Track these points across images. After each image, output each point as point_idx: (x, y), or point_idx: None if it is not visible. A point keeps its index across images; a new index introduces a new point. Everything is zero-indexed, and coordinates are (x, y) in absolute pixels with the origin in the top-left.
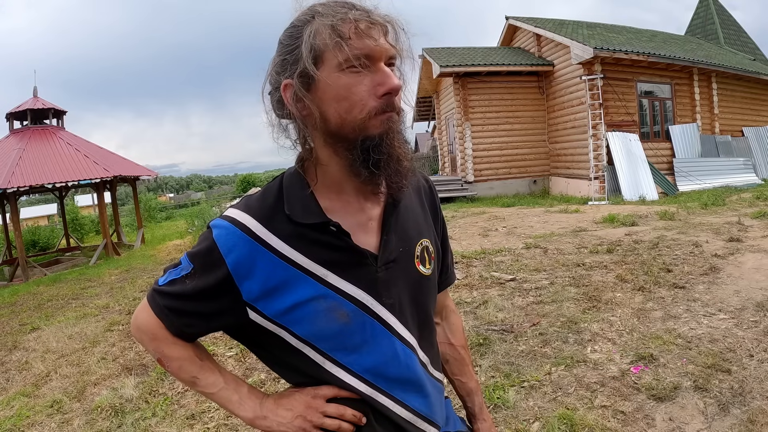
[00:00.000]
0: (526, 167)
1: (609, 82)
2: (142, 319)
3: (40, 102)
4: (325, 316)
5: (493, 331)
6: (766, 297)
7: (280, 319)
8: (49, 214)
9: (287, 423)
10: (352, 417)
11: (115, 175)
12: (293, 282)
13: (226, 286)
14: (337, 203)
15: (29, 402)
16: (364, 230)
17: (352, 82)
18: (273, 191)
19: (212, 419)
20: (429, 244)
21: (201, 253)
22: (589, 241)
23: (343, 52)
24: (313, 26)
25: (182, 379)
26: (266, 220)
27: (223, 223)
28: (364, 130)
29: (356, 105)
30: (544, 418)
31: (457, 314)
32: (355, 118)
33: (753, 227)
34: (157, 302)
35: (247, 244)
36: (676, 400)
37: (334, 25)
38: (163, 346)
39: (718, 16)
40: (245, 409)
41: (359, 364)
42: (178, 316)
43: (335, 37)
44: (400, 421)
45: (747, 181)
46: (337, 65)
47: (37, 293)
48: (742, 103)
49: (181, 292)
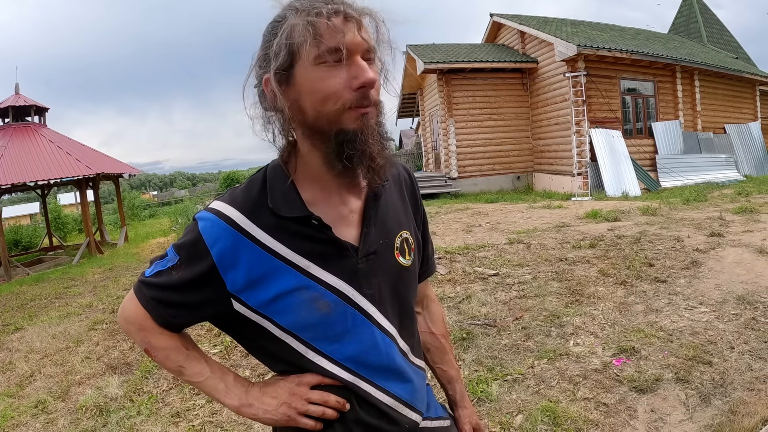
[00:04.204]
0: (510, 164)
1: (592, 79)
2: (129, 310)
3: (21, 99)
4: (307, 306)
5: (477, 326)
6: (746, 290)
7: (264, 310)
8: (31, 213)
9: (272, 410)
10: (335, 403)
11: (98, 172)
12: (276, 273)
13: (210, 277)
14: (319, 195)
15: (13, 402)
16: (345, 223)
17: (325, 75)
18: (257, 183)
19: (197, 416)
20: (409, 236)
21: (186, 244)
22: (572, 236)
23: (316, 47)
24: (290, 21)
25: (169, 368)
26: (250, 212)
27: (208, 215)
28: (339, 122)
29: (330, 98)
30: (527, 411)
31: (437, 304)
32: (329, 110)
33: (734, 222)
34: (143, 293)
35: (231, 235)
36: (657, 392)
37: (309, 20)
38: (150, 337)
39: (702, 15)
40: (231, 397)
41: (341, 352)
42: (164, 306)
43: (309, 32)
44: (383, 407)
45: (729, 178)
46: (311, 60)
47: (19, 293)
48: (725, 101)
49: (167, 283)
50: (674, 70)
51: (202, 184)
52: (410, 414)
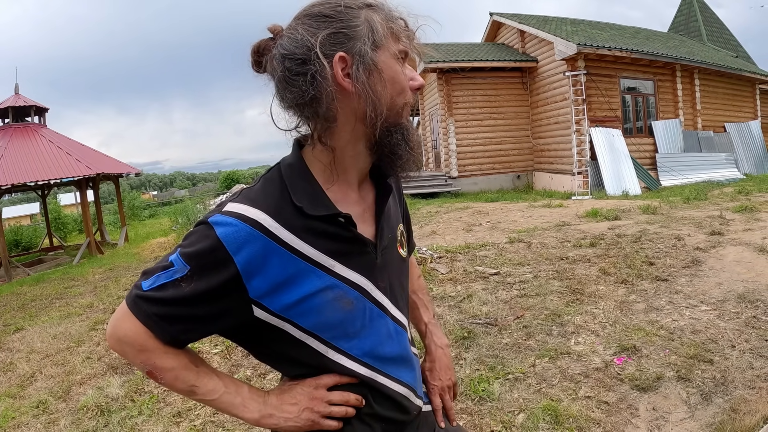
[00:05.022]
0: (510, 163)
1: (592, 78)
2: (124, 329)
3: (21, 99)
4: (331, 305)
5: (478, 325)
6: (747, 289)
7: (286, 313)
8: (31, 213)
9: (294, 417)
10: (355, 401)
11: (98, 172)
12: (302, 275)
13: (231, 285)
14: (338, 194)
15: (14, 403)
16: (362, 219)
17: (400, 70)
18: (275, 182)
19: (198, 416)
20: (403, 228)
21: (201, 253)
22: (573, 235)
23: (398, 43)
24: (371, 13)
25: (178, 389)
26: (275, 213)
27: (229, 220)
28: (399, 116)
29: (405, 90)
30: (528, 410)
31: (414, 265)
32: (400, 102)
33: (734, 221)
34: (143, 310)
35: (259, 240)
36: (659, 390)
37: (389, 17)
38: (154, 358)
39: (701, 14)
40: (250, 411)
41: (359, 348)
42: (171, 323)
43: (392, 28)
44: (397, 396)
45: (729, 176)
46: (393, 53)
47: (20, 293)
48: (725, 100)
49: (174, 296)
50: (674, 68)
51: (201, 184)
52: (416, 400)
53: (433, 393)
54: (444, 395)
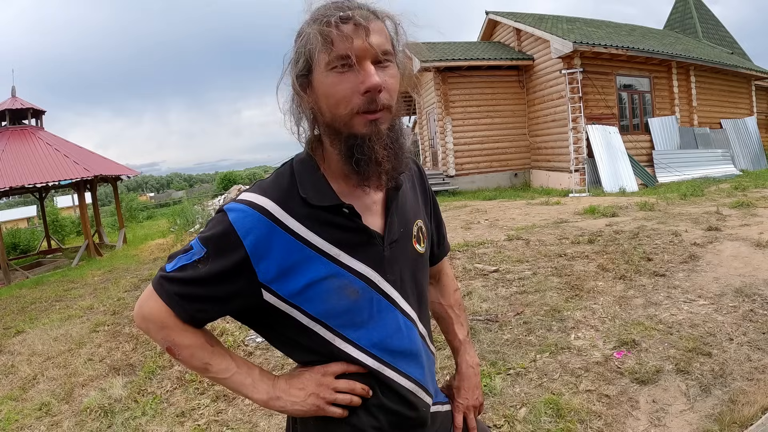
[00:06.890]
0: (507, 161)
1: (588, 76)
2: (149, 307)
3: (18, 102)
4: (336, 293)
5: (478, 321)
6: (744, 283)
7: (294, 299)
8: (28, 216)
9: (301, 401)
10: (361, 391)
11: (96, 174)
12: (308, 262)
13: (242, 268)
14: (344, 187)
15: (17, 405)
16: (370, 212)
17: (336, 81)
18: (286, 175)
19: (202, 416)
20: (423, 224)
21: (215, 236)
22: (571, 232)
23: (326, 53)
24: (306, 30)
25: (194, 366)
26: (282, 202)
27: (240, 206)
28: (350, 127)
29: (341, 102)
30: (530, 404)
31: (451, 278)
32: (341, 113)
33: (731, 216)
34: (165, 289)
35: (265, 225)
36: (658, 383)
37: (321, 29)
38: (173, 335)
39: (697, 11)
40: (259, 392)
41: (367, 338)
42: (190, 301)
43: (319, 40)
44: (403, 391)
45: (725, 172)
46: (323, 66)
47: (19, 296)
48: (721, 96)
49: (193, 276)
50: (670, 65)
51: (199, 185)
52: (425, 397)
53: (458, 411)
54: (468, 414)
